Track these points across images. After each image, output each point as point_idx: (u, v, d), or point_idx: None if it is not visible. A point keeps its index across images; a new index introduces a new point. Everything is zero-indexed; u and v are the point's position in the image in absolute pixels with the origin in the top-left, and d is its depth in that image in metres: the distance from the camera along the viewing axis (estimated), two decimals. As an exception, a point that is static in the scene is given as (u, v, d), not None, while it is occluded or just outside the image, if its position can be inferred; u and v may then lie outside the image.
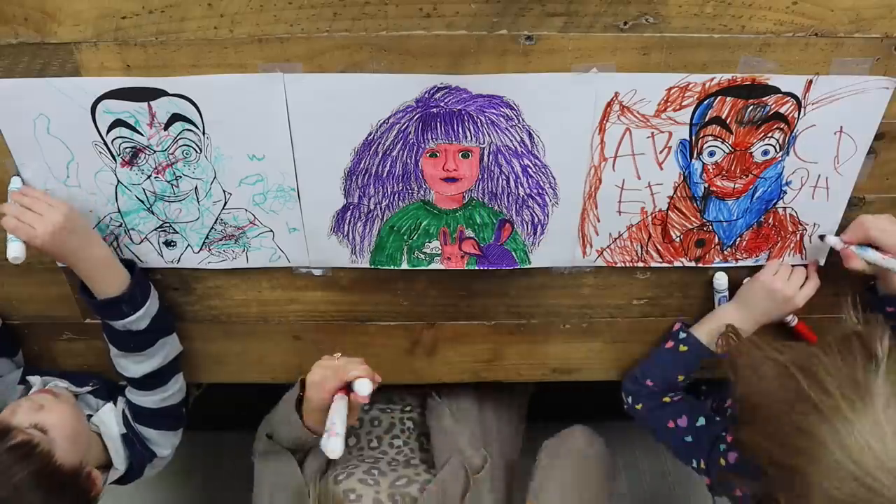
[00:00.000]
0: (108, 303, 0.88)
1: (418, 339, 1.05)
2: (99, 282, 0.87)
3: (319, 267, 0.96)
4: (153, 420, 0.99)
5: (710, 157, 0.86)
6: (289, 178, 0.87)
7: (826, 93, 0.81)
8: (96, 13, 0.75)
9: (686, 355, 0.98)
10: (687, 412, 0.99)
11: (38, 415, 0.84)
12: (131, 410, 0.99)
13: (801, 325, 1.01)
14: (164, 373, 0.96)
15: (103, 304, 0.88)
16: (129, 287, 0.89)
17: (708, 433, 0.96)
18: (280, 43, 0.77)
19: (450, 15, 0.75)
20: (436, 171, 0.86)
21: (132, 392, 0.98)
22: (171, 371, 0.98)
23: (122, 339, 0.92)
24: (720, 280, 0.97)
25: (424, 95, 0.80)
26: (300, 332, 1.04)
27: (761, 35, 0.77)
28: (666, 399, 1.00)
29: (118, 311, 0.89)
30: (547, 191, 0.88)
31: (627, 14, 0.76)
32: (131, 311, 0.89)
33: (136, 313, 0.89)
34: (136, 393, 0.97)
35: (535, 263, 0.95)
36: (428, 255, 0.93)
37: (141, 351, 0.92)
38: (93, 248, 0.87)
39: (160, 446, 1.01)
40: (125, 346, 0.92)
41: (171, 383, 0.98)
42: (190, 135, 0.83)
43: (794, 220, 0.92)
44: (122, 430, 0.98)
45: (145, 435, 0.99)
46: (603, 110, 0.81)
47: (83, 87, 0.79)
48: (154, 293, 0.93)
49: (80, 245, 0.85)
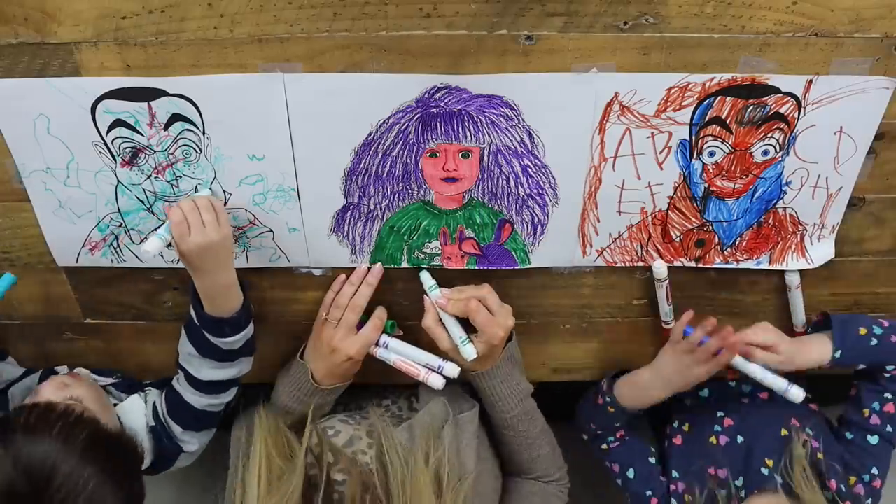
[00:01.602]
0: (215, 321, 0.87)
1: (418, 340, 1.05)
2: (214, 301, 0.86)
3: (319, 267, 0.96)
4: (188, 418, 0.98)
5: (710, 157, 0.86)
6: (289, 178, 0.87)
7: (826, 93, 0.81)
8: (96, 13, 0.75)
9: (614, 414, 1.01)
10: (619, 461, 1.04)
11: (66, 391, 0.85)
12: (169, 402, 0.98)
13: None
14: (227, 384, 0.96)
15: (211, 320, 0.87)
16: (238, 312, 0.88)
17: (635, 486, 1.03)
18: (280, 43, 0.77)
19: (450, 15, 0.75)
20: (436, 171, 0.86)
21: (183, 385, 0.96)
22: (233, 383, 0.97)
23: (208, 348, 0.91)
24: (659, 269, 0.94)
25: (424, 95, 0.80)
26: (300, 332, 1.03)
27: (761, 35, 0.77)
28: (604, 447, 1.05)
29: (220, 331, 0.88)
30: (547, 191, 0.88)
31: (627, 14, 0.76)
32: (232, 333, 0.88)
33: (235, 336, 0.89)
34: (188, 389, 0.95)
35: (535, 263, 0.95)
36: (428, 255, 0.93)
37: (219, 361, 0.92)
38: (223, 273, 0.85)
39: (187, 443, 1.00)
40: (206, 353, 0.91)
41: (227, 394, 0.98)
42: (190, 135, 0.83)
43: (794, 220, 0.92)
44: (151, 422, 0.98)
45: (174, 430, 0.98)
46: (603, 110, 0.81)
47: (83, 87, 0.79)
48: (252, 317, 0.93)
49: (215, 268, 0.84)
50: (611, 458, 1.05)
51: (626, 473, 1.03)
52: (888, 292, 1.01)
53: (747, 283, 0.99)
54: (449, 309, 0.89)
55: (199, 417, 0.98)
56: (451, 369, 0.92)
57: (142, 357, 1.07)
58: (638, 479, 1.02)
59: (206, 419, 0.99)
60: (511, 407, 0.95)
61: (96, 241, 0.93)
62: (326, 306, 0.95)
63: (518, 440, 0.97)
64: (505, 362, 0.94)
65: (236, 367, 0.94)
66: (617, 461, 1.04)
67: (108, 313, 1.02)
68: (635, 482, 1.02)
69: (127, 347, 1.06)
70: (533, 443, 0.98)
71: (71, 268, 0.96)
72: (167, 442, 0.98)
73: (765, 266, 0.96)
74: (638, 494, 1.02)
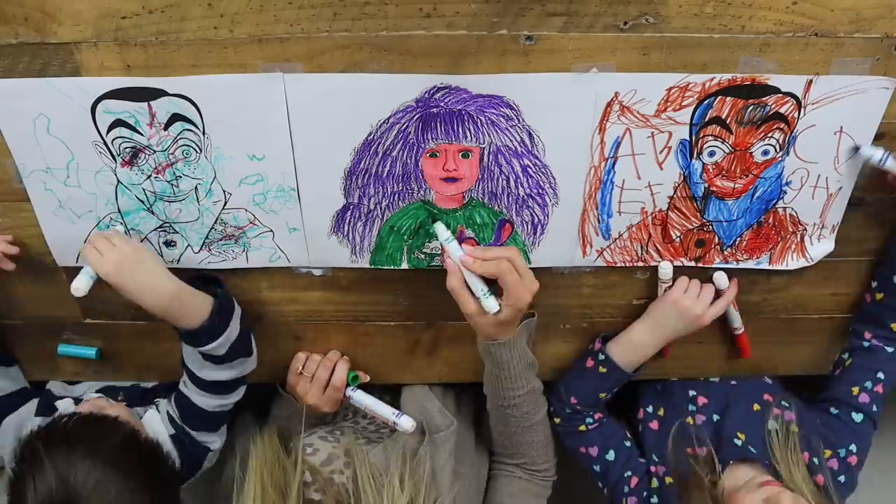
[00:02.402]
0: (188, 332, 0.87)
1: (418, 339, 1.05)
2: (175, 316, 0.85)
3: (319, 267, 0.96)
4: (201, 422, 0.98)
5: (710, 157, 0.86)
6: (289, 178, 0.87)
7: (826, 93, 0.81)
8: (96, 13, 0.75)
9: (606, 376, 1.00)
10: (599, 443, 1.03)
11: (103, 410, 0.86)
12: (180, 407, 0.98)
13: (743, 336, 1.02)
14: (232, 383, 0.96)
15: (184, 332, 0.87)
16: (208, 320, 0.86)
17: (615, 468, 1.01)
18: (280, 43, 0.77)
19: (450, 15, 0.75)
20: (436, 171, 0.86)
21: (190, 388, 0.96)
22: (238, 382, 0.97)
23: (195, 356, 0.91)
24: (665, 270, 0.95)
25: (424, 95, 0.80)
26: (300, 332, 1.04)
27: (761, 35, 0.77)
28: (582, 427, 1.03)
29: (196, 340, 0.87)
30: (547, 191, 0.88)
31: (627, 14, 0.76)
32: (209, 341, 0.87)
33: (214, 342, 0.88)
34: (195, 391, 0.95)
35: (535, 263, 0.95)
36: (428, 255, 0.93)
37: (216, 364, 0.92)
38: (160, 283, 0.84)
39: (210, 442, 1.01)
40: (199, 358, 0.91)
41: (235, 394, 0.98)
42: (190, 135, 0.83)
43: (794, 220, 0.92)
44: (171, 430, 0.98)
45: (191, 434, 0.98)
46: (603, 110, 0.81)
47: (83, 87, 0.79)
48: (236, 318, 0.91)
49: (147, 279, 0.83)
50: (589, 442, 1.03)
51: (606, 456, 1.02)
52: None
53: (747, 282, 0.99)
54: (476, 269, 0.82)
55: (212, 419, 0.98)
56: (406, 422, 0.97)
57: (142, 357, 1.07)
58: (618, 461, 1.01)
59: (220, 419, 1.00)
60: (521, 385, 0.92)
61: (96, 241, 0.93)
62: (301, 360, 1.02)
63: (518, 420, 0.95)
64: (522, 335, 0.91)
65: (236, 367, 0.94)
66: (596, 443, 1.02)
67: (108, 313, 1.02)
68: (615, 464, 1.01)
69: (127, 347, 1.06)
70: (531, 427, 0.96)
71: (71, 268, 0.96)
72: (190, 447, 0.98)
73: (765, 266, 0.96)
74: (618, 476, 1.01)
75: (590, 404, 1.02)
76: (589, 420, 1.03)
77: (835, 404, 0.97)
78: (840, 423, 0.96)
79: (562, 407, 1.03)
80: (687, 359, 1.06)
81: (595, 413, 1.03)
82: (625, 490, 0.99)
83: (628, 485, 0.99)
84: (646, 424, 1.06)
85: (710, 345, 1.05)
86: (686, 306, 0.94)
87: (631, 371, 0.99)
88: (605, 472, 1.02)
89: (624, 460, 1.01)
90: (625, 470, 1.00)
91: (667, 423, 1.03)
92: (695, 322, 0.95)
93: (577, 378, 1.03)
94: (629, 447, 1.03)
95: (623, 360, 0.98)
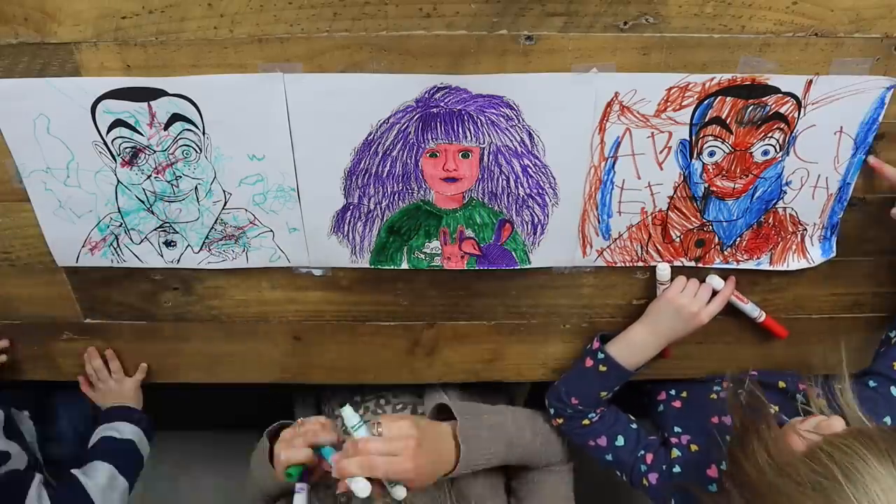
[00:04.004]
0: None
1: (418, 339, 1.05)
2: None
3: (319, 267, 0.96)
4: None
5: (710, 157, 0.86)
6: (289, 178, 0.87)
7: (826, 93, 0.81)
8: (96, 13, 0.75)
9: (606, 375, 0.99)
10: (606, 432, 1.02)
11: None
12: None
13: (769, 320, 1.01)
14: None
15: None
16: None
17: (627, 452, 1.00)
18: (280, 43, 0.77)
19: (450, 15, 0.75)
20: (436, 171, 0.86)
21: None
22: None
23: None
24: (662, 271, 0.95)
25: (424, 95, 0.80)
26: (300, 332, 1.04)
27: (761, 35, 0.77)
28: (585, 422, 1.02)
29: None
30: (547, 191, 0.88)
31: (627, 14, 0.76)
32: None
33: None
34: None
35: (535, 263, 0.95)
36: (428, 255, 0.93)
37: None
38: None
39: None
40: None
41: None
42: (190, 135, 0.83)
43: (794, 220, 0.92)
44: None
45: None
46: (603, 110, 0.81)
47: (83, 87, 0.79)
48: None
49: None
50: (595, 433, 1.02)
51: (616, 442, 1.01)
52: (888, 292, 1.01)
53: (747, 283, 0.99)
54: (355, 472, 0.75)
55: None
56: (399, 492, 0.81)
57: (141, 357, 1.07)
58: (628, 444, 1.00)
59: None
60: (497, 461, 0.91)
61: (96, 241, 0.93)
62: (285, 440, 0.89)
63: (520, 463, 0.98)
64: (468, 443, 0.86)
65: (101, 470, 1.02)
66: (603, 433, 1.02)
67: (108, 313, 1.02)
68: (627, 447, 1.00)
69: (127, 347, 1.06)
70: (533, 455, 0.98)
71: (71, 268, 0.96)
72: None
73: (765, 266, 0.96)
74: (633, 458, 0.99)
75: (591, 404, 1.02)
76: (591, 415, 1.02)
77: (874, 377, 0.95)
78: (878, 396, 0.93)
79: (563, 408, 1.02)
80: (687, 359, 1.06)
81: (598, 409, 1.03)
82: (642, 469, 0.98)
83: (644, 463, 0.98)
84: (668, 404, 1.06)
85: (711, 345, 1.05)
86: (682, 304, 0.94)
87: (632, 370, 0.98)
88: (619, 458, 1.01)
89: (634, 441, 1.01)
90: (637, 451, 1.00)
91: (691, 402, 1.03)
92: (692, 320, 0.95)
93: (577, 378, 1.03)
94: (636, 429, 1.02)
95: (623, 359, 0.98)
